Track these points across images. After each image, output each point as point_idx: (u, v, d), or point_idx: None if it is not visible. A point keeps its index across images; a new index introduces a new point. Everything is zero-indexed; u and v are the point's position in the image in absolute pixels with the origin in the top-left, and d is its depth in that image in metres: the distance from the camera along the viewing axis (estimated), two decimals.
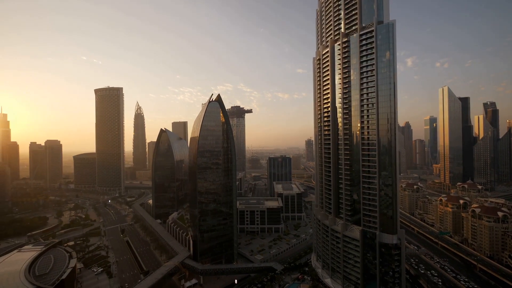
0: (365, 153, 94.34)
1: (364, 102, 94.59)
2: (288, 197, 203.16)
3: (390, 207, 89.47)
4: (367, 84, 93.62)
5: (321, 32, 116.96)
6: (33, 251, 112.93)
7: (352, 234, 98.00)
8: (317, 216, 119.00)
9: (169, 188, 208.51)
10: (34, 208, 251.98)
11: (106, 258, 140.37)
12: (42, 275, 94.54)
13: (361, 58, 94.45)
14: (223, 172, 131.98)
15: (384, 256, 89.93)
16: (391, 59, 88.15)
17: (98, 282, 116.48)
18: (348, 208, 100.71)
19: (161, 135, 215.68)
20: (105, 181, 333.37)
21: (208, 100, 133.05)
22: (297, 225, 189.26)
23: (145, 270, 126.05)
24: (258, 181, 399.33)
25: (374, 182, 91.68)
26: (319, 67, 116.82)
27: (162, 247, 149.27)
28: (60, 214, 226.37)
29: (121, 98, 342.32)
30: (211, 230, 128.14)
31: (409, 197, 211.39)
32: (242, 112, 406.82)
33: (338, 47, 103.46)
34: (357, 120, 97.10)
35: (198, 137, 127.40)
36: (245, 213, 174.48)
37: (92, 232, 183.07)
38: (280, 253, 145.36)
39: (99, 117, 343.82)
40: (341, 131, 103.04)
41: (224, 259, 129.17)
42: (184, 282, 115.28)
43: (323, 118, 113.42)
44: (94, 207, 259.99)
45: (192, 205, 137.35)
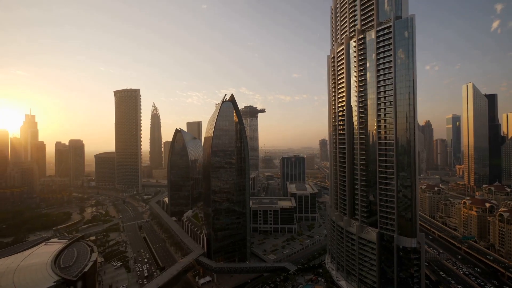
0: (382, 153, 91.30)
1: (381, 100, 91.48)
2: (302, 197, 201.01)
3: (409, 209, 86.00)
4: (384, 81, 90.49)
5: (336, 29, 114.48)
6: (58, 244, 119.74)
7: (368, 236, 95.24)
8: (332, 217, 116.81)
9: (184, 187, 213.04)
10: (59, 204, 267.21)
11: (124, 253, 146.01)
12: (66, 267, 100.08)
13: (378, 55, 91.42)
14: (237, 172, 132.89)
15: (402, 260, 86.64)
16: (410, 55, 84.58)
17: (117, 276, 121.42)
18: (364, 209, 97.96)
19: (176, 135, 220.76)
20: (123, 179, 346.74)
21: (222, 100, 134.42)
22: (311, 225, 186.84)
23: (161, 266, 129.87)
24: (271, 180, 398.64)
25: (391, 183, 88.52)
26: (333, 65, 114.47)
27: (177, 244, 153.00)
28: (82, 210, 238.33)
29: (138, 99, 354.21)
30: (225, 229, 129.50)
31: (429, 199, 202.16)
32: (255, 112, 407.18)
33: (354, 44, 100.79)
34: (373, 119, 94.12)
35: (212, 136, 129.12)
36: (258, 212, 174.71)
37: (112, 227, 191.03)
38: (293, 253, 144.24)
39: (118, 118, 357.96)
40: (357, 131, 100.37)
41: (237, 258, 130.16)
42: (198, 279, 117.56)
43: (338, 117, 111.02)
44: (113, 204, 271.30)
45: (206, 204, 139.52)
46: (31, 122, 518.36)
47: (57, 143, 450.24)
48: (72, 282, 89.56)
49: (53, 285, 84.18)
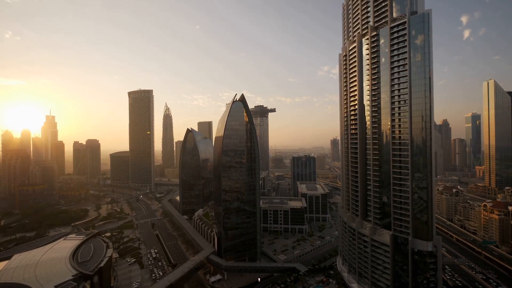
0: (396, 153, 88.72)
1: (395, 98, 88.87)
2: (313, 198, 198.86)
3: (424, 211, 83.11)
4: (398, 79, 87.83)
5: (348, 26, 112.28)
6: (76, 240, 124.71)
7: (381, 238, 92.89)
8: (343, 218, 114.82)
9: (195, 186, 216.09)
10: (77, 201, 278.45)
11: (138, 250, 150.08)
12: (83, 262, 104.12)
13: (391, 52, 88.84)
14: (247, 171, 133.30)
15: (417, 264, 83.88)
16: (427, 52, 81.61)
17: (131, 272, 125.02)
18: (377, 211, 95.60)
19: (188, 134, 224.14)
20: (137, 177, 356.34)
21: (232, 100, 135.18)
22: (322, 226, 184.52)
23: (173, 263, 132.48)
24: (281, 180, 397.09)
25: (406, 184, 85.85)
26: (345, 63, 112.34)
27: (189, 242, 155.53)
28: (98, 207, 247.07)
29: (151, 100, 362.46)
30: (235, 228, 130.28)
31: (447, 202, 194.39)
32: (265, 112, 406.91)
33: (366, 42, 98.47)
34: (387, 118, 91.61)
35: (223, 136, 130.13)
36: (269, 212, 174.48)
37: (126, 225, 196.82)
38: (303, 254, 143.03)
39: (132, 118, 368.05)
40: (370, 130, 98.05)
41: (247, 257, 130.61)
42: (209, 277, 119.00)
43: (350, 116, 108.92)
44: (127, 201, 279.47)
45: (217, 203, 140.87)
46: (51, 123, 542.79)
47: (75, 143, 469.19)
48: (89, 276, 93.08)
49: (72, 278, 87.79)
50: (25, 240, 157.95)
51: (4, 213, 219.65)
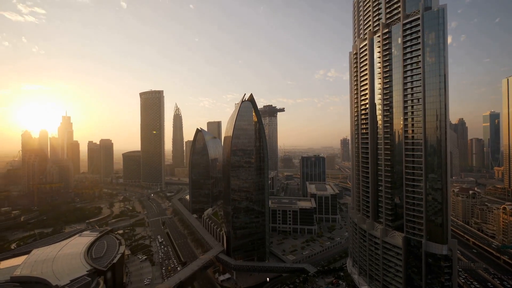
0: (409, 153, 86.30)
1: (408, 97, 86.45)
2: (322, 198, 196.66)
3: (439, 213, 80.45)
4: (411, 77, 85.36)
5: (359, 24, 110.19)
6: (90, 237, 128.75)
7: (393, 241, 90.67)
8: (354, 219, 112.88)
9: (205, 185, 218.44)
10: (91, 198, 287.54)
11: (149, 247, 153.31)
12: (97, 258, 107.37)
13: (404, 50, 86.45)
14: (256, 171, 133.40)
15: (431, 267, 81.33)
16: (441, 49, 78.91)
17: (142, 269, 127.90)
18: (389, 212, 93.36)
19: (197, 134, 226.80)
20: (148, 176, 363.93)
21: (241, 100, 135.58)
22: (332, 227, 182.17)
23: (183, 261, 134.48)
24: (290, 180, 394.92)
25: (419, 185, 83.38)
26: (356, 61, 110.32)
27: (198, 241, 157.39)
28: (111, 205, 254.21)
29: (162, 100, 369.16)
30: (244, 227, 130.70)
31: (463, 204, 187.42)
32: (274, 111, 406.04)
33: (378, 39, 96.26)
34: (399, 117, 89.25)
35: (231, 136, 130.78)
36: (277, 212, 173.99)
37: (138, 222, 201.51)
38: (313, 255, 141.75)
39: (143, 118, 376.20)
40: (381, 130, 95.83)
41: (256, 257, 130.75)
42: (218, 275, 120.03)
43: (361, 116, 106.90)
44: (139, 200, 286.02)
45: (226, 202, 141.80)
46: (67, 123, 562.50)
47: (89, 143, 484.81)
48: (102, 272, 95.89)
49: (86, 274, 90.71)
50: (43, 236, 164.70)
51: (24, 210, 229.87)
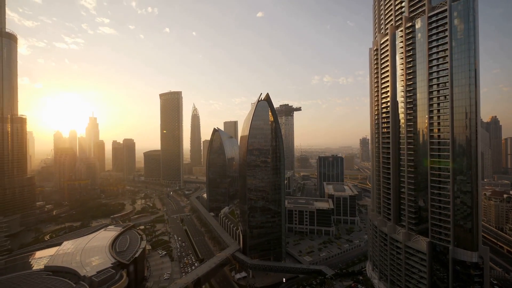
0: (434, 153, 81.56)
1: (433, 94, 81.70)
2: (340, 199, 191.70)
3: (468, 218, 75.25)
4: (438, 73, 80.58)
5: (379, 19, 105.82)
6: (115, 231, 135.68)
7: (416, 245, 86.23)
8: (374, 222, 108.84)
9: (221, 184, 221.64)
10: (115, 195, 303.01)
11: (168, 243, 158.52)
12: (121, 252, 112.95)
13: (430, 44, 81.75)
14: (272, 170, 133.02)
15: (459, 275, 76.30)
16: (472, 42, 73.65)
17: (162, 264, 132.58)
18: (412, 215, 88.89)
19: (214, 134, 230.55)
20: (168, 175, 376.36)
21: (257, 100, 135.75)
22: (350, 229, 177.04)
23: (200, 258, 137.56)
24: (307, 180, 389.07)
25: (446, 187, 78.52)
26: (376, 58, 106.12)
27: (215, 238, 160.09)
28: (134, 202, 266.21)
29: (180, 101, 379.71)
30: (260, 227, 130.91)
31: (496, 208, 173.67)
32: (290, 110, 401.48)
33: (400, 34, 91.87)
34: (424, 115, 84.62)
35: (248, 135, 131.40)
36: (294, 212, 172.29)
37: (158, 219, 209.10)
38: (330, 257, 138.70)
39: (163, 118, 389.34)
40: (404, 129, 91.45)
41: (272, 256, 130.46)
42: (234, 273, 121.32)
43: (381, 114, 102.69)
44: (159, 197, 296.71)
45: (242, 201, 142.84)
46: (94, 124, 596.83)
47: (113, 142, 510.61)
48: (125, 265, 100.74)
49: (111, 266, 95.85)
50: (72, 229, 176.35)
51: (56, 204, 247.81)
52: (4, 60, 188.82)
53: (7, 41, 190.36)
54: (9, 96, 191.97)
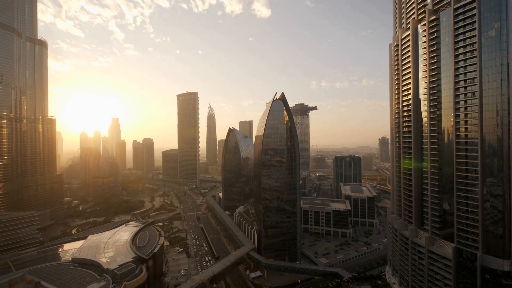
0: (461, 154, 76.76)
1: (460, 91, 76.88)
2: (358, 200, 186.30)
3: (499, 223, 70.11)
4: (464, 68, 75.71)
5: (400, 13, 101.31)
6: (135, 227, 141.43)
7: (440, 251, 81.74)
8: (394, 225, 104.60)
9: (236, 183, 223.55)
10: (135, 192, 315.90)
11: (185, 240, 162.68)
12: (140, 247, 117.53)
13: (456, 38, 77.00)
14: (287, 170, 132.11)
15: (488, 284, 71.33)
16: (503, 34, 68.50)
17: (179, 260, 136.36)
18: (436, 219, 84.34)
19: (229, 133, 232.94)
20: (184, 173, 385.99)
21: (272, 99, 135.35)
22: (368, 232, 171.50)
23: (216, 255, 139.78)
24: (323, 181, 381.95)
25: (474, 190, 73.67)
26: (397, 54, 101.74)
27: (230, 237, 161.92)
28: (152, 199, 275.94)
29: (196, 101, 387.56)
30: (275, 227, 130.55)
31: None
32: (306, 110, 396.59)
33: (423, 28, 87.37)
34: (449, 113, 79.90)
35: (263, 135, 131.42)
36: (309, 213, 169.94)
37: (175, 216, 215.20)
38: (347, 259, 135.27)
39: (180, 118, 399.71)
40: (427, 128, 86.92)
41: (287, 257, 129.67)
42: (249, 272, 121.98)
43: (402, 113, 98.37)
44: (176, 195, 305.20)
45: (257, 201, 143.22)
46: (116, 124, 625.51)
47: (134, 141, 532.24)
48: (145, 260, 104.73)
49: (131, 260, 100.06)
50: (96, 224, 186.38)
51: (81, 200, 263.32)
52: (36, 65, 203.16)
53: (39, 47, 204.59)
54: (40, 99, 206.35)
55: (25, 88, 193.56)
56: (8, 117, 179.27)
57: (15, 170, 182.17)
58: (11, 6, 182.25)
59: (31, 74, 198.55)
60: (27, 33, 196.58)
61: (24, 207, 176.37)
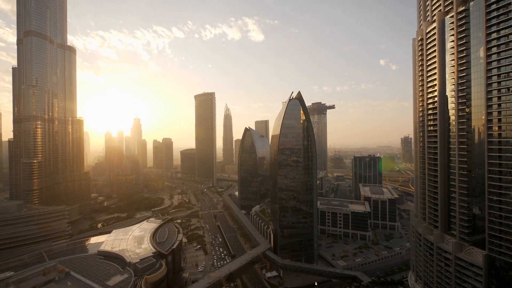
0: (494, 154, 71.11)
1: (493, 86, 71.21)
2: (378, 202, 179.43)
3: None
4: (498, 62, 69.95)
5: (425, 5, 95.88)
6: (155, 223, 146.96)
7: (470, 258, 76.42)
8: (417, 229, 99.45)
9: (252, 182, 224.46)
10: (155, 190, 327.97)
11: (202, 237, 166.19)
12: (160, 242, 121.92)
13: (488, 29, 71.38)
14: (303, 170, 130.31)
15: None
16: None
17: (196, 256, 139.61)
18: (465, 224, 78.97)
19: (246, 133, 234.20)
20: (202, 172, 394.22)
21: (289, 98, 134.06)
22: (389, 235, 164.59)
23: (232, 254, 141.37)
24: (341, 181, 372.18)
25: (509, 194, 67.95)
26: (421, 49, 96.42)
27: (246, 236, 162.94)
28: (171, 197, 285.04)
29: (213, 101, 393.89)
30: (291, 227, 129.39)
31: None
32: (323, 109, 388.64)
33: (451, 20, 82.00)
34: (480, 111, 74.33)
35: (279, 134, 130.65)
36: (326, 214, 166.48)
37: (193, 214, 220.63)
38: (366, 263, 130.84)
39: (197, 118, 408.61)
40: (455, 126, 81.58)
41: (303, 258, 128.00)
42: (265, 272, 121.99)
43: (427, 111, 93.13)
44: (194, 193, 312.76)
45: (273, 200, 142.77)
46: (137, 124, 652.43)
47: (154, 141, 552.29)
48: (164, 255, 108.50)
49: (152, 255, 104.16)
50: (120, 219, 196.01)
51: (106, 196, 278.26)
52: (66, 70, 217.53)
53: (68, 53, 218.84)
54: (70, 101, 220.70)
55: (56, 91, 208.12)
56: (42, 118, 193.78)
57: (48, 168, 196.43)
58: (45, 14, 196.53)
59: (61, 78, 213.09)
60: (58, 40, 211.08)
61: (55, 202, 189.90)
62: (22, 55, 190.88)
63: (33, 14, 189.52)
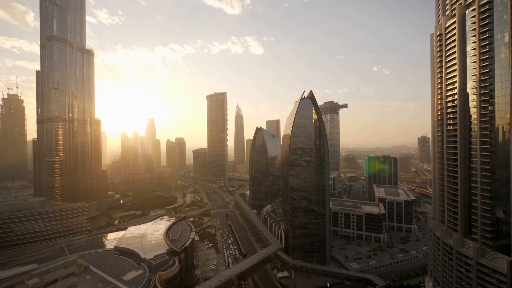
0: None
1: None
2: (393, 204, 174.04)
3: None
4: None
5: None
6: (168, 221, 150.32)
7: (493, 264, 72.43)
8: (435, 232, 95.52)
9: (264, 182, 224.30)
10: (168, 189, 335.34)
11: (214, 236, 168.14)
12: (173, 240, 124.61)
13: None
14: (315, 170, 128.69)
15: None
16: None
17: (208, 255, 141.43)
18: (487, 228, 74.91)
19: (257, 133, 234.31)
20: (213, 172, 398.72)
21: (300, 97, 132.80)
22: (405, 238, 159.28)
23: (243, 253, 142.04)
24: (354, 182, 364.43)
25: None
26: (440, 44, 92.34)
27: (257, 235, 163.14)
28: (184, 196, 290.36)
29: (225, 101, 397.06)
30: (303, 228, 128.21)
31: None
32: (336, 108, 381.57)
33: (472, 14, 77.93)
34: (505, 109, 70.17)
35: (290, 134, 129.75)
36: (339, 215, 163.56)
37: (205, 213, 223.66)
38: (381, 266, 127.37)
39: (209, 118, 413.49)
40: (476, 125, 77.54)
41: (315, 259, 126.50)
42: (276, 272, 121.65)
43: (446, 109, 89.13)
44: (206, 192, 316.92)
45: (284, 200, 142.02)
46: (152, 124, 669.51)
47: (167, 141, 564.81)
48: (177, 252, 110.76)
49: (165, 252, 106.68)
50: (135, 217, 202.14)
51: (122, 194, 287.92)
52: (85, 72, 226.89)
53: (87, 56, 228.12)
54: (88, 102, 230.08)
55: (76, 93, 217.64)
56: (63, 119, 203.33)
57: (68, 166, 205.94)
58: (65, 19, 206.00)
59: (80, 80, 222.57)
60: (78, 43, 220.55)
61: (75, 199, 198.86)
62: (45, 59, 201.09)
63: (55, 19, 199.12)
